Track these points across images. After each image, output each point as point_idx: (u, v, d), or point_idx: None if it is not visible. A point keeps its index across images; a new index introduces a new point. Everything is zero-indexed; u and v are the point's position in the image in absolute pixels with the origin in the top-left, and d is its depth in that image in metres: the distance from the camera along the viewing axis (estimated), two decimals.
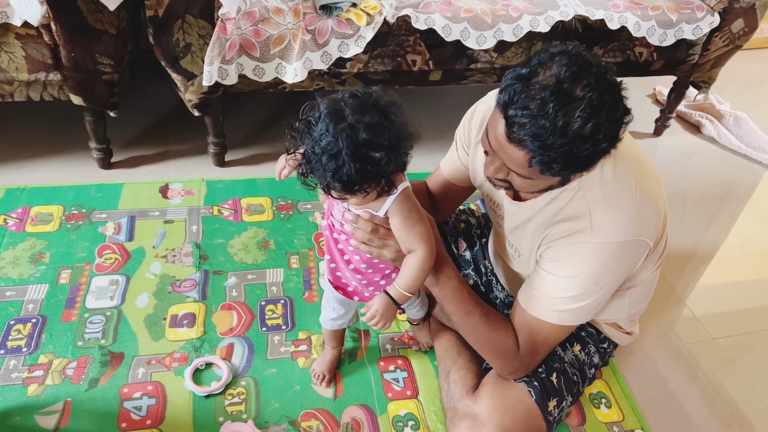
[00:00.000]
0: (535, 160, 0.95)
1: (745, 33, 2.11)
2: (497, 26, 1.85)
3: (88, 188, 1.88)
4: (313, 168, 0.92)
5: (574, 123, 0.90)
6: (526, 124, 0.91)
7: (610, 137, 0.94)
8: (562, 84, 0.90)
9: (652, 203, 1.10)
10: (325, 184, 0.93)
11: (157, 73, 2.00)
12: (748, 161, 2.46)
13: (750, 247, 2.05)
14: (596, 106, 0.90)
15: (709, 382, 1.58)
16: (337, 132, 0.88)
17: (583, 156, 0.94)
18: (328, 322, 1.36)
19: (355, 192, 0.94)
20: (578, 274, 1.10)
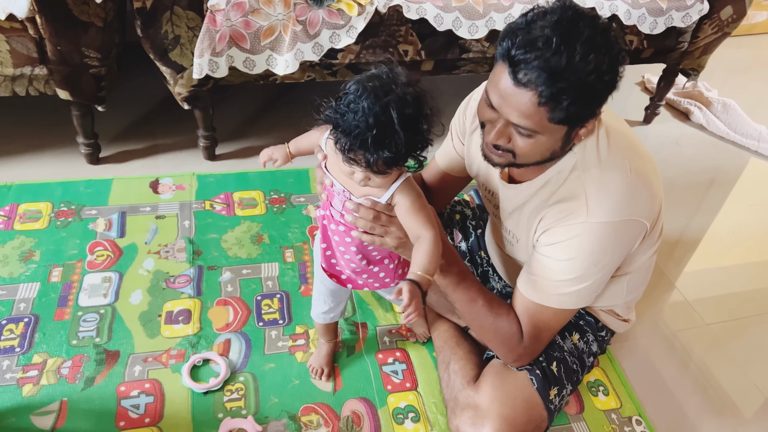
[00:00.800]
0: (544, 95, 0.94)
1: (733, 20, 2.12)
2: (489, 15, 1.84)
3: (77, 184, 1.85)
4: (360, 143, 0.91)
5: (578, 54, 0.91)
6: (532, 59, 0.92)
7: (612, 71, 0.95)
8: (562, 21, 0.92)
9: (646, 184, 1.11)
10: (373, 159, 0.92)
11: (142, 65, 1.97)
12: (737, 148, 2.48)
13: (740, 233, 2.07)
14: (597, 41, 0.92)
15: (703, 367, 1.59)
16: (386, 104, 0.90)
17: (589, 89, 0.94)
18: (320, 316, 1.36)
19: (399, 165, 0.96)
20: (576, 255, 1.10)
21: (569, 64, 0.91)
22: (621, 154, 1.10)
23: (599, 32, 0.93)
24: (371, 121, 0.89)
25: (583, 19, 0.93)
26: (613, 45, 0.95)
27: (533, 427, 1.24)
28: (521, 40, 0.93)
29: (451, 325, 1.49)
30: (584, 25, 0.92)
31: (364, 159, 0.93)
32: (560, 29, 0.91)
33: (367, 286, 1.23)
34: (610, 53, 0.94)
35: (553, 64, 0.91)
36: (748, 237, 2.06)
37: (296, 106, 2.33)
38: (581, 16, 0.94)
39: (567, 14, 0.93)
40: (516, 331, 1.21)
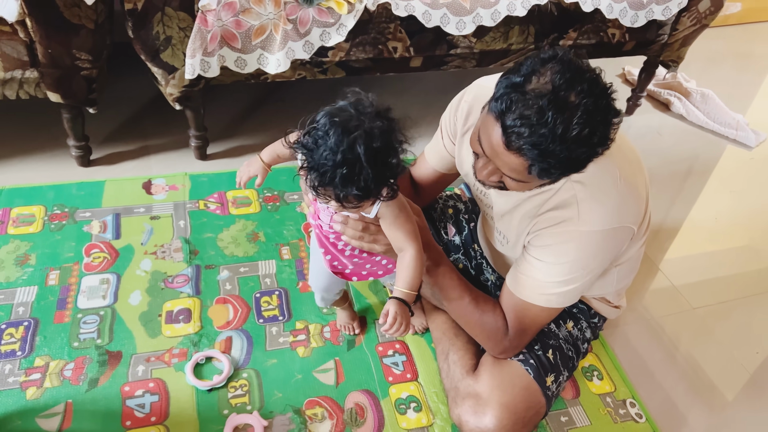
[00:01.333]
0: (534, 168, 0.97)
1: (711, 12, 2.17)
2: (476, 11, 1.87)
3: (69, 187, 1.85)
4: (329, 180, 0.90)
5: (573, 129, 0.91)
6: (525, 132, 0.93)
7: (604, 139, 0.97)
8: (559, 91, 0.91)
9: (634, 190, 1.14)
10: (342, 195, 0.92)
11: (130, 66, 1.97)
12: (716, 137, 2.54)
13: (722, 219, 2.13)
14: (591, 111, 0.92)
15: (692, 349, 1.65)
16: (353, 140, 0.88)
17: (580, 159, 0.97)
18: (322, 302, 1.46)
19: (370, 198, 0.95)
20: (565, 261, 1.14)
21: (563, 140, 0.92)
22: (611, 163, 1.11)
23: (598, 97, 0.92)
24: (338, 159, 0.88)
25: (581, 83, 0.91)
26: (609, 110, 0.95)
27: (533, 413, 1.27)
28: (516, 108, 0.93)
29: (448, 317, 1.52)
30: (581, 92, 0.91)
31: (333, 195, 0.93)
32: (556, 101, 0.90)
33: (371, 275, 1.26)
34: (605, 122, 0.94)
35: (546, 141, 0.92)
36: (730, 222, 2.12)
37: (285, 104, 2.34)
38: (580, 79, 0.92)
39: (565, 77, 0.91)
40: (501, 326, 1.25)
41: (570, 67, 0.93)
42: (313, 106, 1.28)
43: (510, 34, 1.98)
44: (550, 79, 0.92)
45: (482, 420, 1.24)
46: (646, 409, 1.47)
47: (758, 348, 1.68)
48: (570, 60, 0.94)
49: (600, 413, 1.45)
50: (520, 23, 1.96)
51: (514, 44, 2.01)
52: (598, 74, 0.95)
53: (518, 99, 0.93)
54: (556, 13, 1.98)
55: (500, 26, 1.94)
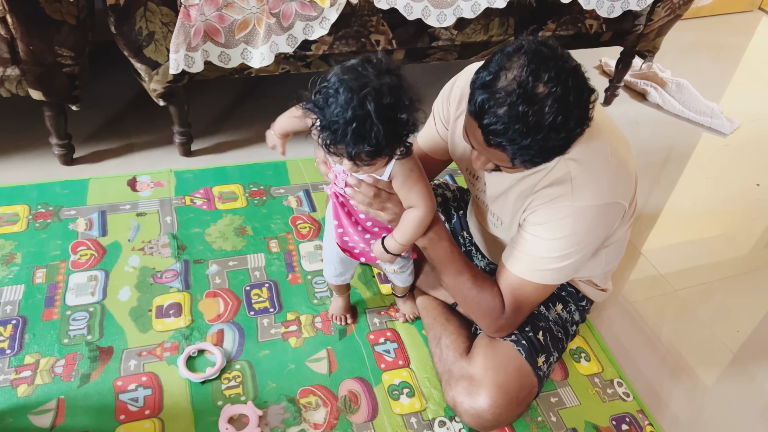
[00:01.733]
0: (517, 160, 1.01)
1: (684, 2, 2.23)
2: (456, 4, 1.89)
3: (53, 185, 1.83)
4: (340, 137, 0.92)
5: (546, 119, 0.94)
6: (500, 130, 0.96)
7: (581, 119, 0.99)
8: (526, 85, 0.93)
9: (625, 167, 1.17)
10: (354, 152, 0.94)
11: (111, 63, 1.96)
12: (692, 125, 2.60)
13: (700, 204, 2.18)
14: (562, 96, 0.93)
15: (675, 329, 1.69)
16: (363, 97, 0.89)
17: (561, 144, 1.00)
18: (332, 278, 1.44)
19: (383, 156, 0.97)
20: (561, 236, 1.16)
21: (538, 130, 0.94)
22: (602, 140, 1.14)
23: (566, 80, 0.93)
24: (349, 116, 0.89)
25: (547, 71, 0.92)
26: (582, 90, 0.96)
27: (525, 393, 1.30)
28: (488, 108, 0.95)
29: (439, 302, 1.54)
30: (549, 81, 0.92)
31: (345, 152, 0.94)
32: (525, 95, 0.92)
33: (364, 255, 1.28)
34: (579, 101, 0.96)
35: (522, 136, 0.94)
36: (707, 207, 2.18)
37: (268, 99, 2.34)
38: (545, 66, 0.93)
39: (530, 68, 0.93)
40: (498, 305, 1.26)
41: (535, 57, 0.94)
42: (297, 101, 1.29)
43: (490, 26, 2.01)
44: (517, 73, 0.94)
45: (476, 400, 1.26)
46: (633, 388, 1.51)
47: (738, 326, 1.72)
48: (535, 50, 0.95)
49: (588, 393, 1.49)
50: (500, 15, 1.99)
51: (494, 36, 2.04)
52: (564, 57, 0.96)
53: (490, 98, 0.96)
54: (535, 5, 2.01)
55: (480, 18, 1.96)
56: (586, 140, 1.12)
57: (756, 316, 1.77)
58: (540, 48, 0.96)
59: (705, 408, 1.50)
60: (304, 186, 1.97)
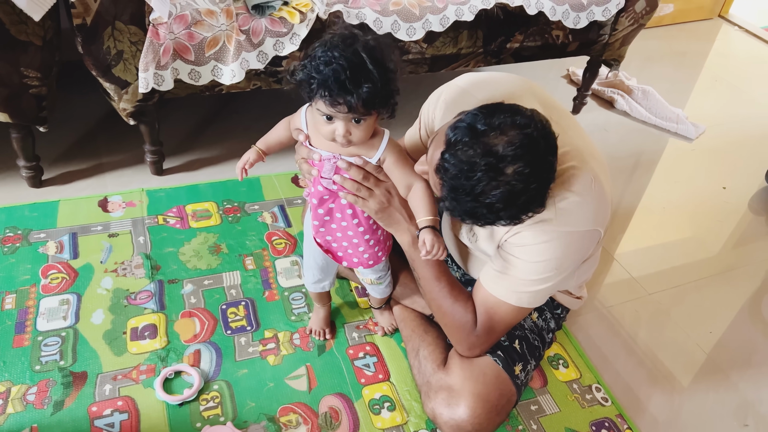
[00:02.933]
0: (444, 203, 1.04)
1: (647, 12, 2.28)
2: (425, 17, 1.91)
3: (21, 209, 1.80)
4: (339, 86, 0.97)
5: (487, 197, 0.97)
6: (451, 171, 0.98)
7: (510, 218, 1.02)
8: (501, 160, 0.95)
9: (605, 194, 1.18)
10: (354, 99, 0.98)
11: (78, 83, 1.94)
12: (659, 131, 2.66)
13: (670, 209, 2.22)
14: (515, 193, 0.97)
15: (650, 332, 1.71)
16: (355, 47, 0.98)
17: (481, 220, 1.03)
18: (312, 286, 1.46)
19: (375, 106, 1.02)
20: (542, 259, 1.16)
21: (474, 199, 0.98)
22: (586, 167, 1.15)
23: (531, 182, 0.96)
24: (344, 63, 0.96)
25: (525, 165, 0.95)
26: (534, 200, 1.00)
27: (505, 401, 1.30)
28: (459, 149, 0.97)
29: (417, 314, 1.54)
30: (520, 173, 0.95)
31: (345, 104, 0.99)
32: (491, 168, 0.95)
33: (362, 263, 1.30)
34: (525, 206, 1.00)
35: (460, 192, 0.98)
36: (677, 211, 2.22)
37: (240, 116, 2.33)
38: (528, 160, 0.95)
39: (517, 151, 0.94)
40: (470, 320, 1.26)
41: (528, 144, 0.96)
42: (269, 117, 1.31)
43: (459, 39, 2.03)
44: (505, 144, 0.96)
45: (456, 411, 1.26)
46: (611, 393, 1.52)
47: (711, 327, 1.76)
48: (535, 138, 0.97)
49: (568, 400, 1.50)
50: (469, 28, 2.01)
51: (463, 48, 2.07)
52: (549, 166, 1.00)
53: (468, 142, 0.97)
54: (502, 17, 2.04)
55: (449, 31, 1.99)
56: (572, 168, 1.13)
57: (727, 317, 1.80)
58: (539, 141, 0.98)
59: (682, 409, 1.53)
60: (278, 201, 1.96)
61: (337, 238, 1.27)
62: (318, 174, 1.16)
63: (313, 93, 1.02)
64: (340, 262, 1.31)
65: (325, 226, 1.24)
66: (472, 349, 1.30)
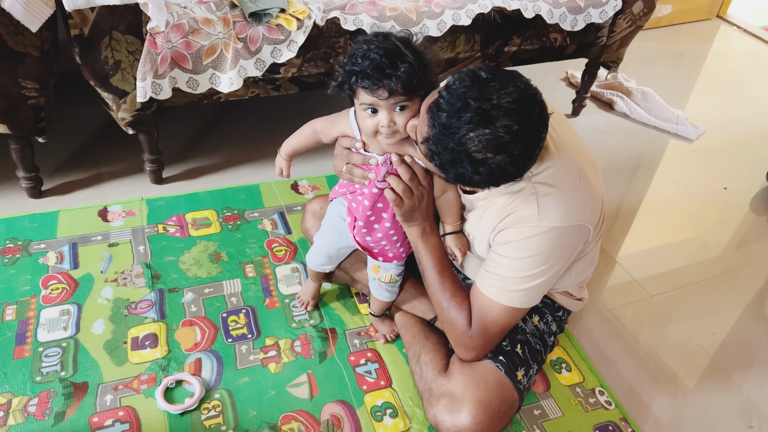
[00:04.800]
0: (425, 143, 1.04)
1: (644, 13, 2.28)
2: (422, 22, 1.92)
3: (21, 219, 1.80)
4: (378, 72, 1.03)
5: (471, 142, 0.97)
6: (443, 109, 0.99)
7: (488, 177, 1.02)
8: (494, 108, 0.96)
9: (592, 191, 1.19)
10: (390, 84, 1.04)
11: (76, 94, 1.94)
12: (659, 132, 2.65)
13: (671, 210, 2.22)
14: (499, 146, 0.97)
15: (653, 334, 1.70)
16: (388, 39, 1.07)
17: (458, 172, 1.03)
18: (315, 265, 1.51)
19: (413, 89, 1.06)
20: (527, 255, 1.17)
21: (459, 142, 0.98)
22: (571, 163, 1.16)
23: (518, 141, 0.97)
24: (380, 52, 1.04)
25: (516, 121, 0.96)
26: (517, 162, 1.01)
27: (507, 407, 1.29)
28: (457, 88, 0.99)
29: (418, 319, 1.53)
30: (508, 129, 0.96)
31: (386, 87, 1.04)
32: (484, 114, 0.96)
33: (396, 257, 1.39)
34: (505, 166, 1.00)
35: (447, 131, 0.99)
36: (678, 212, 2.21)
37: (239, 123, 2.33)
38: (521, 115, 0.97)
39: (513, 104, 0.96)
40: (463, 318, 1.26)
41: (526, 104, 0.97)
42: (267, 125, 1.32)
43: (457, 43, 2.03)
44: (501, 96, 0.96)
45: (458, 418, 1.25)
46: (615, 396, 1.52)
47: (714, 329, 1.75)
48: (531, 100, 0.99)
49: (571, 404, 1.49)
50: (466, 32, 2.01)
51: (461, 53, 2.07)
52: (540, 132, 1.01)
53: (467, 85, 0.98)
54: (499, 21, 2.04)
55: (447, 36, 1.99)
56: (555, 162, 1.15)
57: (730, 318, 1.79)
58: (534, 106, 0.99)
59: (686, 411, 1.52)
60: (278, 209, 1.96)
61: (377, 238, 1.32)
62: (375, 178, 1.21)
63: (355, 86, 1.08)
64: (375, 258, 1.38)
65: (368, 227, 1.30)
66: (469, 351, 1.29)
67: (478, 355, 1.30)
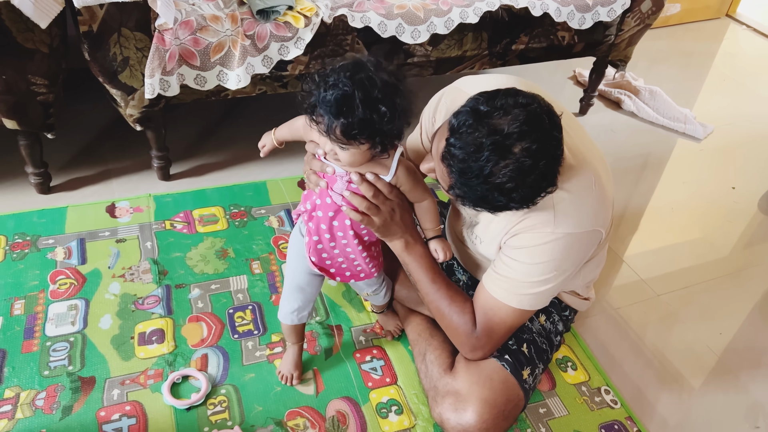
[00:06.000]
0: (453, 190, 1.04)
1: (653, 12, 2.27)
2: (430, 20, 1.91)
3: (30, 215, 1.81)
4: (323, 108, 0.98)
5: (497, 177, 0.97)
6: (458, 157, 0.99)
7: (524, 199, 1.02)
8: (507, 138, 0.96)
9: (606, 194, 1.18)
10: (330, 125, 0.98)
11: (85, 91, 1.95)
12: (666, 131, 2.64)
13: (678, 210, 2.21)
14: (525, 171, 0.97)
15: (659, 334, 1.70)
16: (356, 79, 0.97)
17: (494, 205, 1.03)
18: (287, 316, 1.35)
19: (353, 138, 1.00)
20: (541, 261, 1.16)
21: (485, 181, 0.98)
22: (587, 168, 1.15)
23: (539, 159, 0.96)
24: (336, 92, 0.96)
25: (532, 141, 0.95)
26: (545, 177, 1.00)
27: (512, 406, 1.29)
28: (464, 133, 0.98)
29: (423, 317, 1.54)
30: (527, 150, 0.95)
31: (324, 126, 0.99)
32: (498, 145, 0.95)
33: (354, 276, 1.29)
34: (535, 184, 0.99)
35: (470, 175, 0.98)
36: (685, 212, 2.20)
37: (246, 120, 2.34)
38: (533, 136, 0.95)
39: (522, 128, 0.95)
40: (468, 321, 1.26)
41: (533, 121, 0.97)
42: (274, 122, 1.32)
43: (464, 41, 2.03)
44: (509, 122, 0.96)
45: (463, 416, 1.25)
46: (621, 395, 1.51)
47: (721, 329, 1.74)
48: (538, 114, 0.98)
49: (576, 402, 1.49)
50: (473, 30, 2.01)
51: (468, 51, 2.06)
52: (556, 142, 1.00)
53: (472, 125, 0.98)
54: (507, 19, 2.04)
55: (454, 34, 1.98)
56: (572, 168, 1.14)
57: (738, 318, 1.79)
58: (543, 117, 0.98)
59: (692, 411, 1.51)
60: (284, 206, 1.96)
61: (334, 254, 1.25)
62: (327, 187, 1.15)
63: (308, 107, 1.04)
64: (333, 278, 1.29)
65: (324, 243, 1.22)
66: (475, 351, 1.29)
67: (484, 355, 1.30)
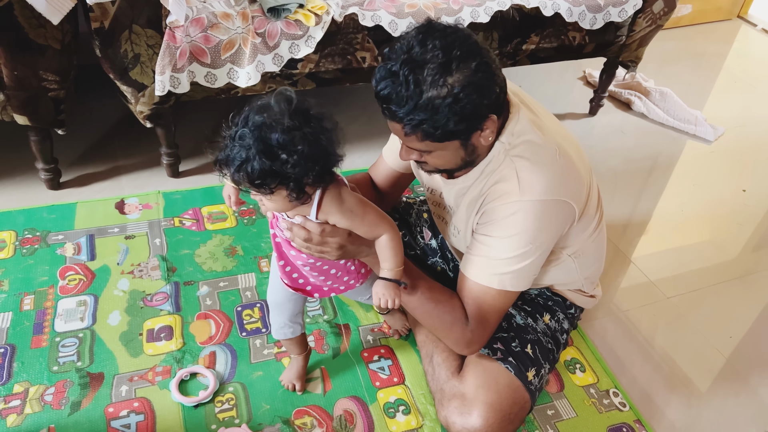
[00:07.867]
0: (407, 128, 1.02)
1: (665, 13, 2.26)
2: (440, 19, 1.90)
3: (40, 210, 1.82)
4: (223, 158, 0.94)
5: (425, 82, 0.97)
6: (387, 95, 0.99)
7: (475, 87, 1.00)
8: (411, 51, 0.97)
9: (574, 169, 1.18)
10: (233, 177, 0.94)
11: (96, 88, 1.96)
12: (677, 133, 2.63)
13: (688, 211, 2.20)
14: (445, 62, 0.97)
15: (668, 336, 1.69)
16: (252, 127, 0.90)
17: (450, 111, 1.00)
18: (279, 332, 1.34)
19: (259, 187, 0.93)
20: (512, 233, 1.15)
21: (419, 94, 0.97)
22: (550, 140, 1.16)
23: (451, 47, 0.97)
24: (232, 140, 0.92)
25: (434, 39, 0.97)
26: (470, 56, 0.99)
27: (518, 408, 1.29)
28: (380, 77, 1.00)
29: None
30: (434, 47, 0.97)
31: (230, 176, 0.94)
32: (409, 61, 0.97)
33: (333, 291, 1.25)
34: (467, 66, 0.98)
35: (404, 99, 0.98)
36: (695, 214, 2.19)
37: None
38: (433, 34, 0.98)
39: (419, 36, 0.98)
40: (460, 316, 1.22)
41: (427, 26, 0.99)
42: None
43: None
44: (407, 43, 0.98)
45: (469, 420, 1.25)
46: (629, 398, 1.51)
47: (730, 332, 1.73)
48: (431, 25, 1.00)
49: (585, 404, 1.48)
50: (484, 29, 2.00)
51: None
52: (465, 35, 1.00)
53: (381, 69, 1.01)
54: (518, 19, 2.03)
55: None
56: (533, 137, 1.15)
57: (747, 321, 1.78)
58: (437, 24, 1.01)
59: (701, 414, 1.50)
60: None
61: (304, 272, 1.19)
62: (275, 218, 1.11)
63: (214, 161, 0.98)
64: (311, 295, 1.25)
65: (291, 265, 1.18)
66: (471, 345, 1.26)
67: (480, 346, 1.28)
